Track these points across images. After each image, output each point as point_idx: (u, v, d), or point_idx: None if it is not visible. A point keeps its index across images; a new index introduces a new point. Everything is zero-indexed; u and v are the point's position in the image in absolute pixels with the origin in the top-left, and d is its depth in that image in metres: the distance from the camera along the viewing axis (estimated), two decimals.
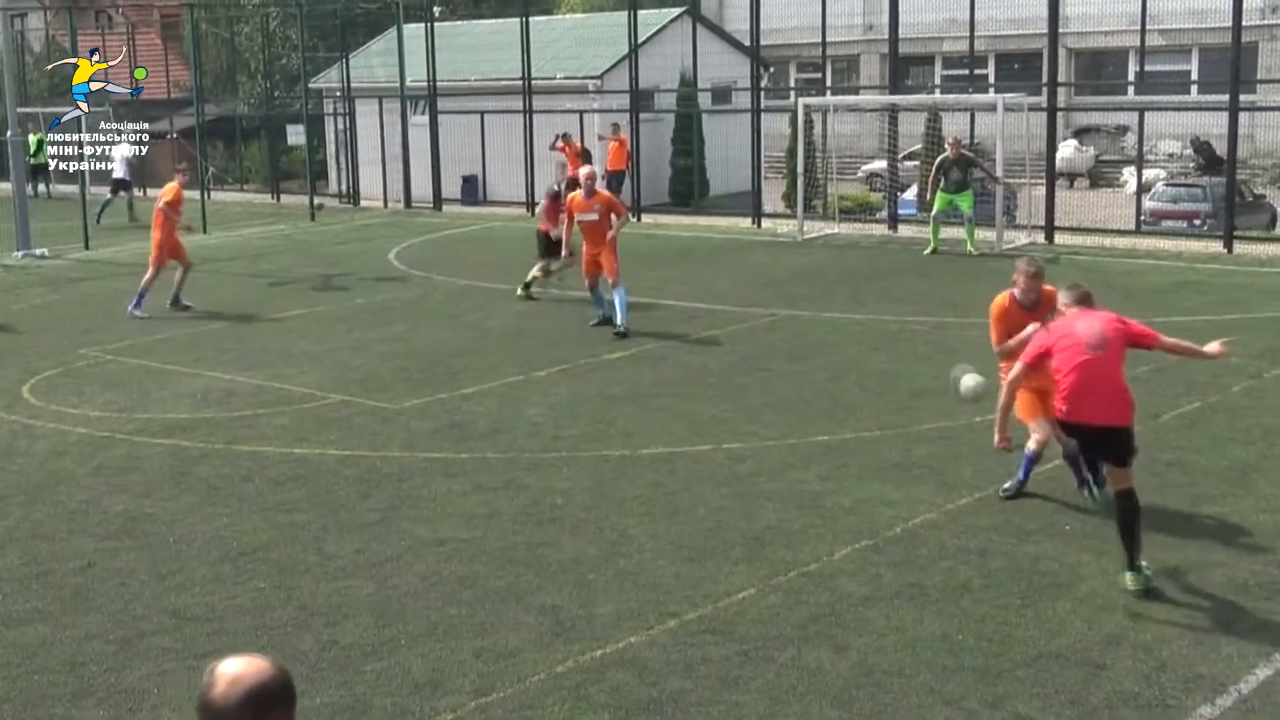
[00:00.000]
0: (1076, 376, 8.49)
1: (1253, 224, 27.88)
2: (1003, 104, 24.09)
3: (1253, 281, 19.71)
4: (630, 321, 16.88)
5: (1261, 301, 18.04)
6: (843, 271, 21.45)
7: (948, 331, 16.62)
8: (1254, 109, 32.70)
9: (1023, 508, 10.05)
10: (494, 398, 13.91)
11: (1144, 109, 27.06)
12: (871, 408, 13.09)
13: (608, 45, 33.60)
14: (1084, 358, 8.49)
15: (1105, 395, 8.49)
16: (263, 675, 3.05)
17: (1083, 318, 8.72)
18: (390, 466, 11.63)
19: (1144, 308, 17.49)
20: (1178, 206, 28.66)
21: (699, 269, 22.63)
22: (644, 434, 12.37)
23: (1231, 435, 11.78)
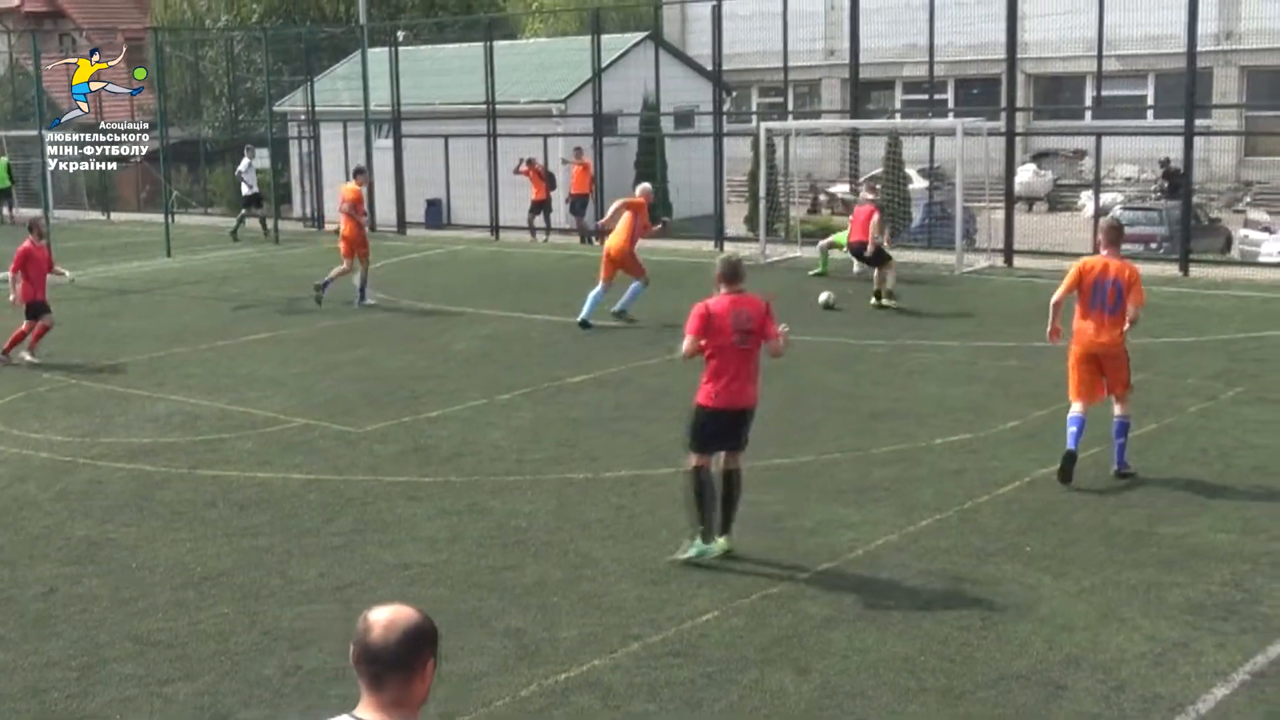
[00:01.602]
0: (730, 364, 9.43)
1: (1208, 247, 28.18)
2: (962, 129, 24.29)
3: (1209, 304, 19.88)
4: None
5: (1217, 324, 18.20)
6: (803, 294, 21.50)
7: (907, 353, 16.70)
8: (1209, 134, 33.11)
9: (983, 529, 10.10)
10: (458, 421, 13.89)
11: (1101, 134, 27.26)
12: (831, 430, 13.13)
13: (571, 69, 33.68)
14: (734, 346, 9.41)
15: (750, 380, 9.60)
16: (413, 618, 3.46)
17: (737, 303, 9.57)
18: (354, 490, 11.60)
19: None
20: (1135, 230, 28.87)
21: (662, 292, 22.61)
22: (607, 457, 12.37)
23: (1188, 456, 11.87)
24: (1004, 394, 14.36)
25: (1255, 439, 12.38)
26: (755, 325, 9.53)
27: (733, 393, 9.53)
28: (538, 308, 20.88)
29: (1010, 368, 15.55)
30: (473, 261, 27.49)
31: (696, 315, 9.49)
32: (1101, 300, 11.18)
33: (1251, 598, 8.66)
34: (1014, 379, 15.02)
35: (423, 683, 3.47)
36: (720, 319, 9.46)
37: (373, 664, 3.43)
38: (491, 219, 31.99)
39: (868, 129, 29.81)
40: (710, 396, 9.55)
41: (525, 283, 23.99)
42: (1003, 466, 11.66)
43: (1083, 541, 9.77)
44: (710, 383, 9.55)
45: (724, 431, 9.62)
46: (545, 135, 31.82)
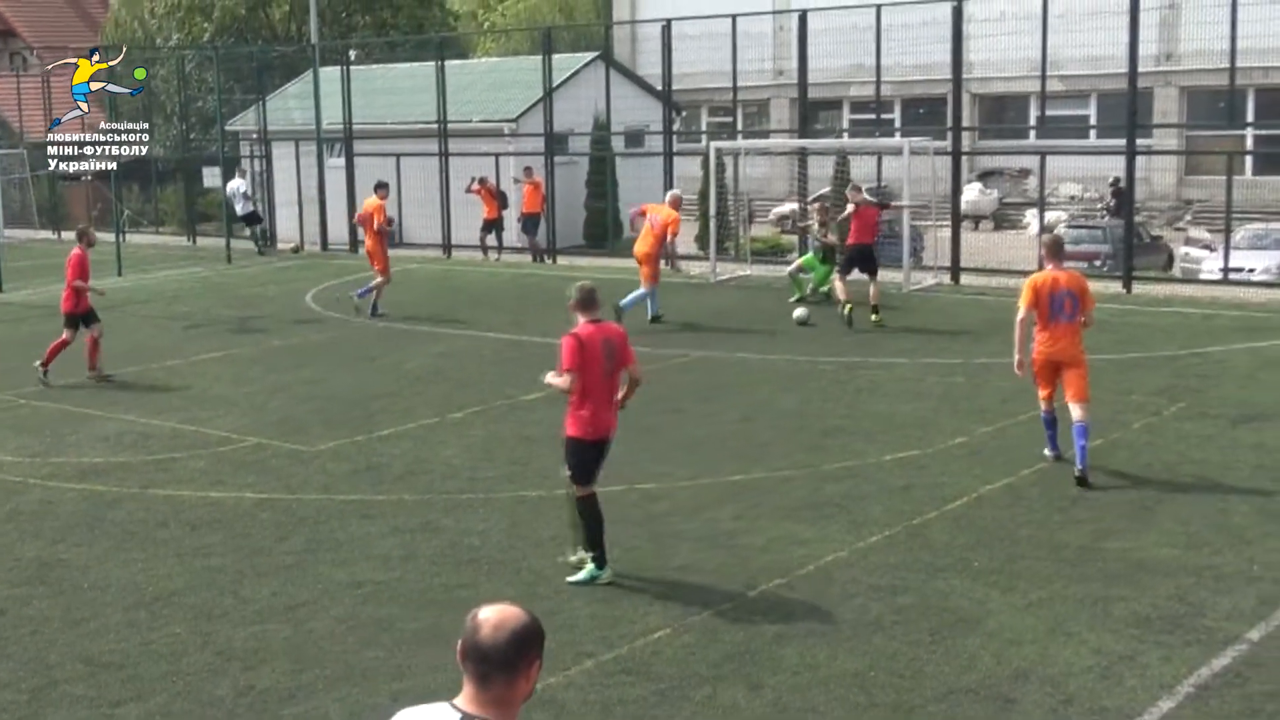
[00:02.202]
0: (596, 393, 9.46)
1: (1150, 264, 28.46)
2: (909, 148, 24.40)
3: (1152, 321, 20.09)
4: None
5: (1160, 340, 18.39)
6: (755, 312, 21.58)
7: (857, 371, 16.77)
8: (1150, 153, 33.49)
9: (931, 544, 10.15)
10: (410, 439, 13.83)
11: (1045, 152, 27.53)
12: (783, 447, 13.17)
13: (522, 89, 33.66)
14: (601, 375, 9.43)
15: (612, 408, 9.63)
16: (522, 619, 3.52)
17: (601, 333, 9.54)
18: (307, 509, 11.53)
19: None
20: (1079, 248, 29.09)
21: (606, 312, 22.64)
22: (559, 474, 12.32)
23: (1133, 471, 11.97)
24: (951, 410, 14.45)
25: (1197, 454, 12.51)
26: (619, 353, 9.55)
27: (600, 422, 9.55)
28: (490, 326, 20.84)
29: (957, 384, 15.65)
30: (425, 280, 27.41)
31: (570, 348, 9.37)
32: (1060, 311, 11.87)
33: (1195, 611, 8.74)
34: (961, 395, 15.12)
35: (527, 683, 3.52)
36: (591, 348, 9.42)
37: (481, 663, 3.49)
38: (443, 238, 31.92)
39: (816, 148, 29.93)
40: (583, 428, 9.53)
41: (477, 301, 23.95)
42: (950, 483, 11.72)
43: (1030, 556, 9.84)
44: (580, 413, 9.52)
45: (594, 461, 9.66)
46: (497, 154, 31.77)
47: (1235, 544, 10.00)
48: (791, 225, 23.26)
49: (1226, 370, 16.30)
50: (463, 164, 31.63)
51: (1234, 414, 13.98)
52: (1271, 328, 19.10)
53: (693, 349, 18.50)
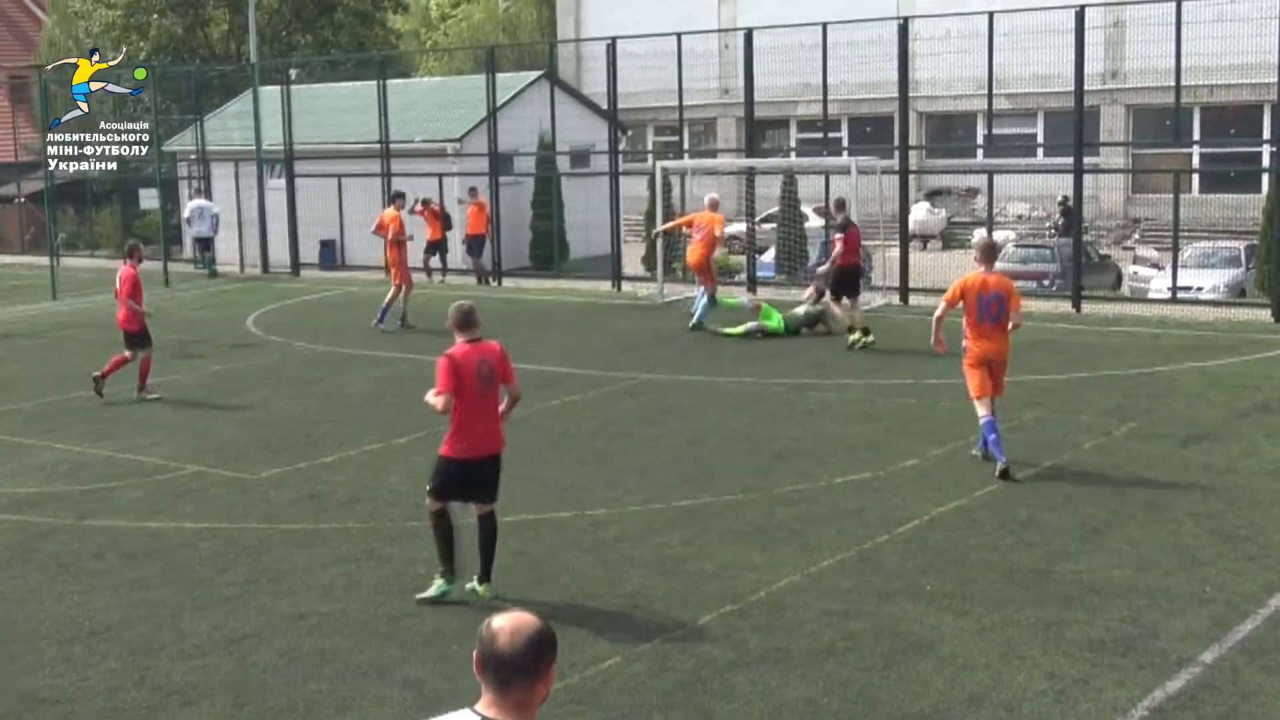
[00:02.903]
0: (475, 413, 9.55)
1: (1099, 284, 28.73)
2: (856, 167, 24.59)
3: (1101, 340, 20.27)
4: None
5: (1110, 360, 18.55)
6: (702, 334, 21.61)
7: (807, 393, 16.82)
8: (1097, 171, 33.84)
9: (884, 568, 10.17)
10: (354, 466, 13.73)
11: (993, 171, 27.74)
12: (733, 470, 13.17)
13: (466, 108, 33.65)
14: (477, 395, 9.51)
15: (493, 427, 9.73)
16: (536, 624, 3.65)
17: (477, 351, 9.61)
18: (248, 539, 11.42)
19: None
20: (1027, 267, 29.37)
21: (559, 333, 22.66)
22: (506, 501, 12.21)
23: (1083, 493, 12.06)
24: (903, 432, 14.51)
25: (1148, 474, 12.61)
26: (496, 371, 9.64)
27: (479, 441, 9.64)
28: (433, 349, 20.58)
29: (908, 405, 15.73)
30: (367, 303, 27.23)
31: (445, 369, 9.44)
32: (988, 313, 12.71)
33: (1149, 633, 8.80)
34: (912, 417, 15.18)
35: (545, 686, 3.65)
36: (466, 369, 9.48)
37: (500, 670, 3.62)
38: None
39: (763, 167, 30.11)
40: (456, 448, 9.63)
41: (420, 323, 23.84)
42: (903, 505, 11.76)
43: (982, 580, 9.87)
44: (457, 433, 9.61)
45: (473, 482, 9.72)
46: (440, 175, 31.72)
47: (1187, 565, 10.08)
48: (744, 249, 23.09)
49: (1176, 390, 16.46)
50: (406, 185, 31.51)
51: (1183, 434, 14.12)
52: (1220, 347, 19.32)
53: (640, 371, 18.49)
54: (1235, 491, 12.00)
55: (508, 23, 66.96)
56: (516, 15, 67.79)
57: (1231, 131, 41.62)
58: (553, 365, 19.10)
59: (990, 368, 12.84)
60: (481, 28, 66.16)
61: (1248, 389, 16.37)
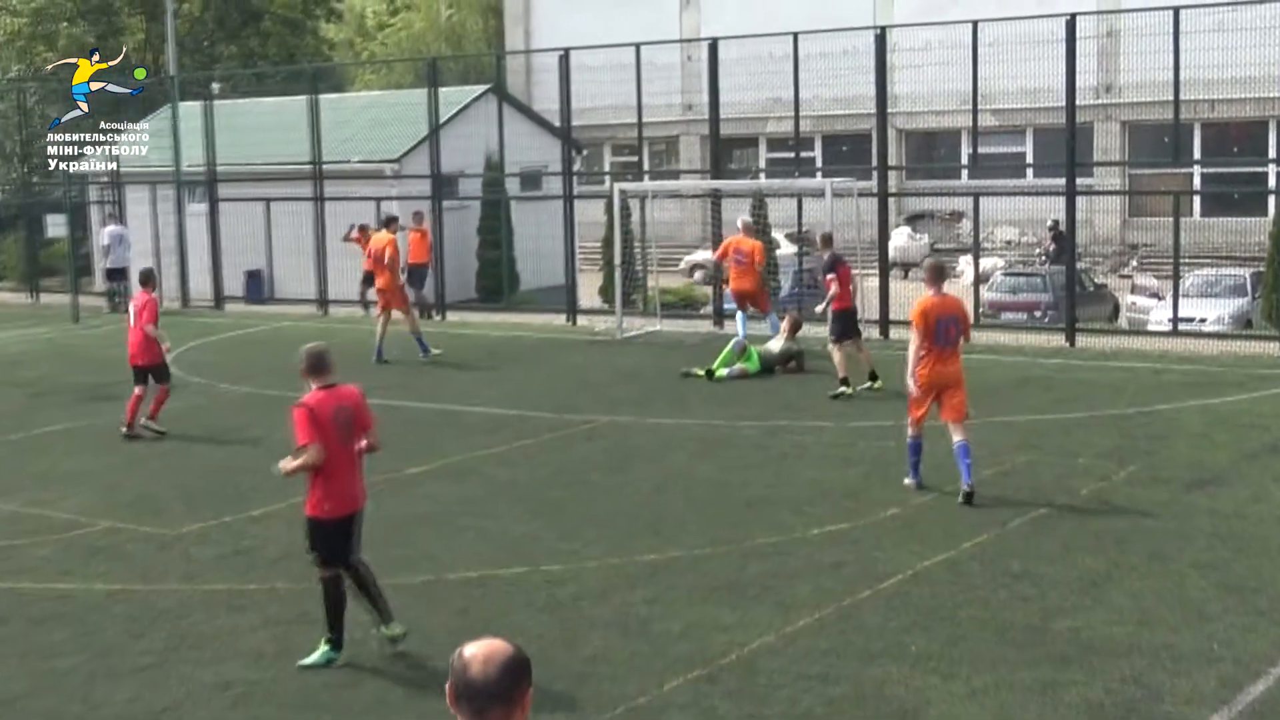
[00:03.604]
0: (337, 464, 9.58)
1: (1095, 315, 28.98)
2: (831, 189, 24.68)
3: (1097, 377, 20.44)
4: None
5: (1107, 398, 18.69)
6: (666, 372, 21.65)
7: (780, 436, 16.88)
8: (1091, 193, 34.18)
9: (865, 627, 10.20)
10: (284, 520, 13.65)
11: (979, 194, 27.89)
12: (701, 521, 13.19)
13: (406, 125, 33.66)
14: (339, 444, 9.56)
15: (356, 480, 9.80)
16: (509, 650, 3.77)
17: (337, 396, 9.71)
18: (167, 601, 11.35)
19: (985, 407, 17.99)
20: (1017, 298, 29.63)
21: (509, 372, 22.65)
22: (450, 557, 12.28)
23: (1081, 542, 12.14)
24: (884, 478, 14.57)
25: (1150, 522, 12.71)
26: (355, 419, 9.70)
27: (344, 497, 9.67)
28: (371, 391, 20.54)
29: (890, 449, 15.78)
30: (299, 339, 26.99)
31: (304, 420, 9.44)
32: (945, 336, 13.56)
33: (1152, 695, 8.86)
34: (894, 461, 15.23)
35: (523, 713, 3.79)
36: (323, 417, 9.50)
37: (475, 699, 3.72)
38: (319, 292, 31.74)
39: (730, 190, 30.24)
40: (323, 506, 9.63)
41: (357, 362, 23.76)
42: (885, 558, 11.81)
43: (972, 638, 9.92)
44: (320, 489, 9.61)
45: (341, 540, 9.73)
46: (378, 198, 31.66)
47: (1193, 621, 10.16)
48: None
49: (1179, 430, 16.61)
50: (340, 209, 31.52)
51: (1188, 477, 14.25)
52: (1225, 383, 19.51)
53: (599, 414, 18.51)
54: (1243, 540, 12.11)
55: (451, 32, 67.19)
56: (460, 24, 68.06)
57: (1235, 150, 42.16)
58: (502, 407, 19.09)
59: (941, 392, 13.58)
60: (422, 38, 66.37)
61: (1256, 429, 16.54)
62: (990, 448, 15.55)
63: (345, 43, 68.56)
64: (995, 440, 15.97)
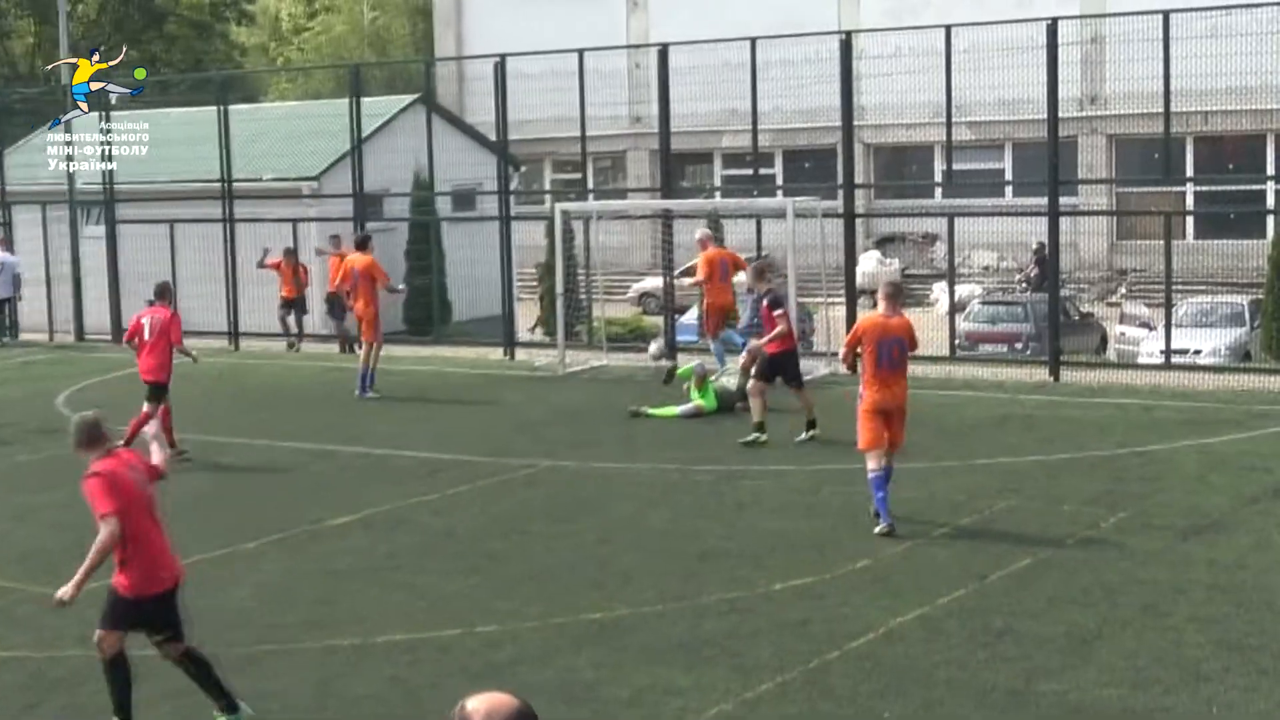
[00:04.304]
0: (143, 533, 9.47)
1: (1081, 346, 29.17)
2: (792, 209, 24.74)
3: (1084, 414, 20.56)
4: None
5: (1094, 437, 18.82)
6: (613, 411, 21.63)
7: (738, 481, 16.89)
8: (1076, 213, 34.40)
9: (833, 692, 10.22)
10: (191, 578, 13.49)
11: (954, 214, 28.10)
12: (652, 576, 13.18)
13: (326, 139, 33.63)
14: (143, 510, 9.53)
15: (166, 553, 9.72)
16: (514, 704, 3.92)
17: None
18: (61, 669, 11.26)
19: (962, 448, 18.12)
20: (996, 328, 29.81)
21: (441, 411, 22.60)
22: (378, 618, 12.22)
23: (1068, 596, 12.20)
24: (853, 527, 14.60)
25: (1143, 573, 12.79)
26: (149, 473, 9.72)
27: (156, 571, 9.56)
28: (289, 433, 20.63)
29: (859, 495, 15.79)
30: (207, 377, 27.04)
31: (101, 489, 9.31)
32: (888, 358, 14.32)
33: None
34: (864, 509, 15.26)
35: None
36: (124, 484, 9.43)
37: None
38: (230, 323, 31.55)
39: (682, 210, 30.30)
40: (131, 584, 9.50)
41: (273, 401, 23.74)
42: (854, 615, 11.83)
43: (950, 702, 9.95)
44: (129, 564, 9.47)
45: (154, 618, 9.63)
46: (296, 219, 31.60)
47: (1190, 681, 10.23)
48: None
49: (1172, 472, 16.74)
50: (253, 232, 31.42)
51: (1183, 524, 14.35)
52: (1222, 420, 19.68)
53: (540, 457, 18.49)
54: (1244, 592, 12.21)
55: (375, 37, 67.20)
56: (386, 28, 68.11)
57: (1230, 166, 42.54)
58: (433, 450, 19.04)
59: (888, 417, 14.32)
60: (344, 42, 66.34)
61: (1256, 471, 16.69)
62: (968, 493, 15.65)
63: (259, 48, 68.50)
64: (973, 485, 16.07)
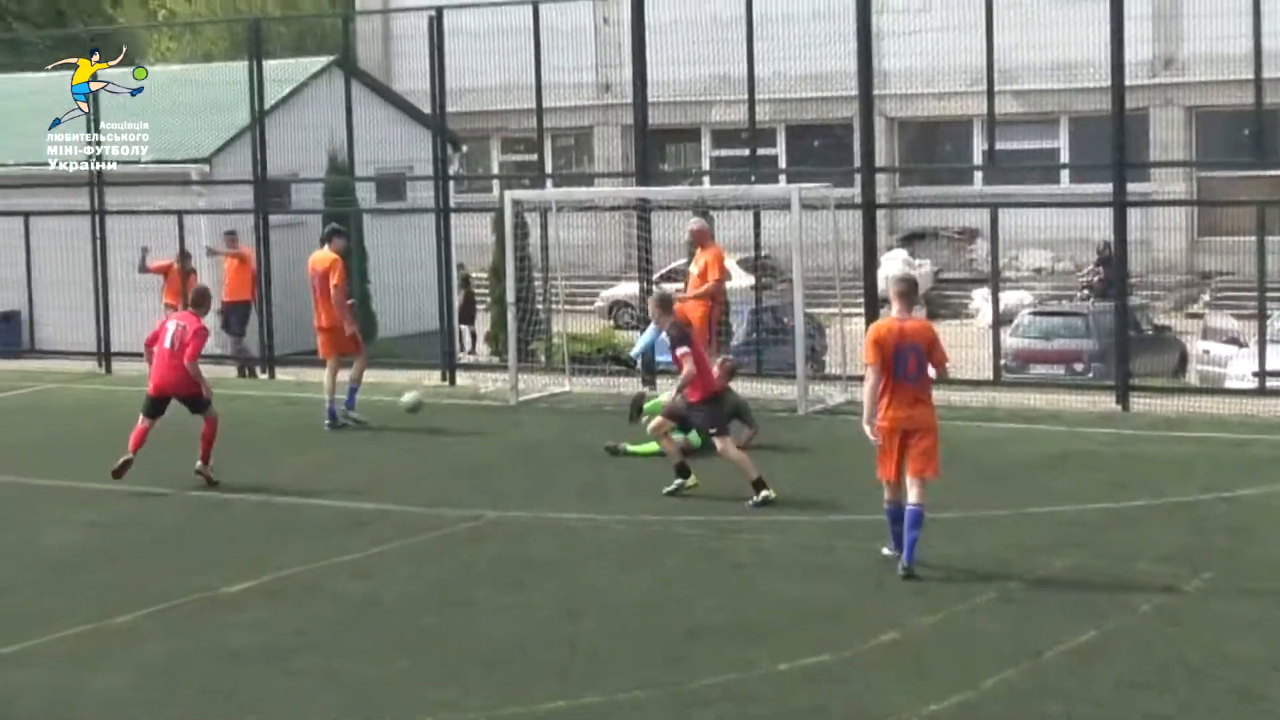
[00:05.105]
0: None
1: (1155, 367, 29.06)
2: (799, 198, 24.66)
3: (1159, 451, 20.55)
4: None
5: (1173, 480, 18.79)
6: (578, 449, 21.58)
7: (733, 536, 16.83)
8: (1148, 204, 34.39)
9: None
10: (48, 661, 13.49)
11: (997, 204, 27.90)
12: (626, 656, 13.12)
13: (219, 113, 33.49)
14: None
15: None
16: None
17: None
18: None
19: (1010, 492, 18.09)
20: (1051, 346, 29.78)
21: (363, 450, 22.50)
22: (282, 711, 12.15)
23: (1142, 678, 12.15)
24: (875, 591, 14.55)
25: (1235, 647, 12.75)
26: None
27: None
28: (175, 478, 20.50)
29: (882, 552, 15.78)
30: (71, 408, 26.98)
31: None
32: (903, 369, 14.52)
33: None
34: (888, 569, 15.23)
35: None
36: None
37: None
38: (100, 341, 31.41)
39: (663, 199, 30.14)
40: None
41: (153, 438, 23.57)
42: (878, 702, 11.78)
43: None
44: None
45: None
46: (181, 211, 31.47)
47: None
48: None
49: (1268, 521, 16.73)
50: (129, 227, 31.29)
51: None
52: None
53: (486, 507, 18.41)
54: None
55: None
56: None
57: None
58: (354, 498, 18.95)
59: (907, 439, 14.57)
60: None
61: None
62: (1018, 549, 15.60)
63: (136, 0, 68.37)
64: (1024, 539, 16.02)
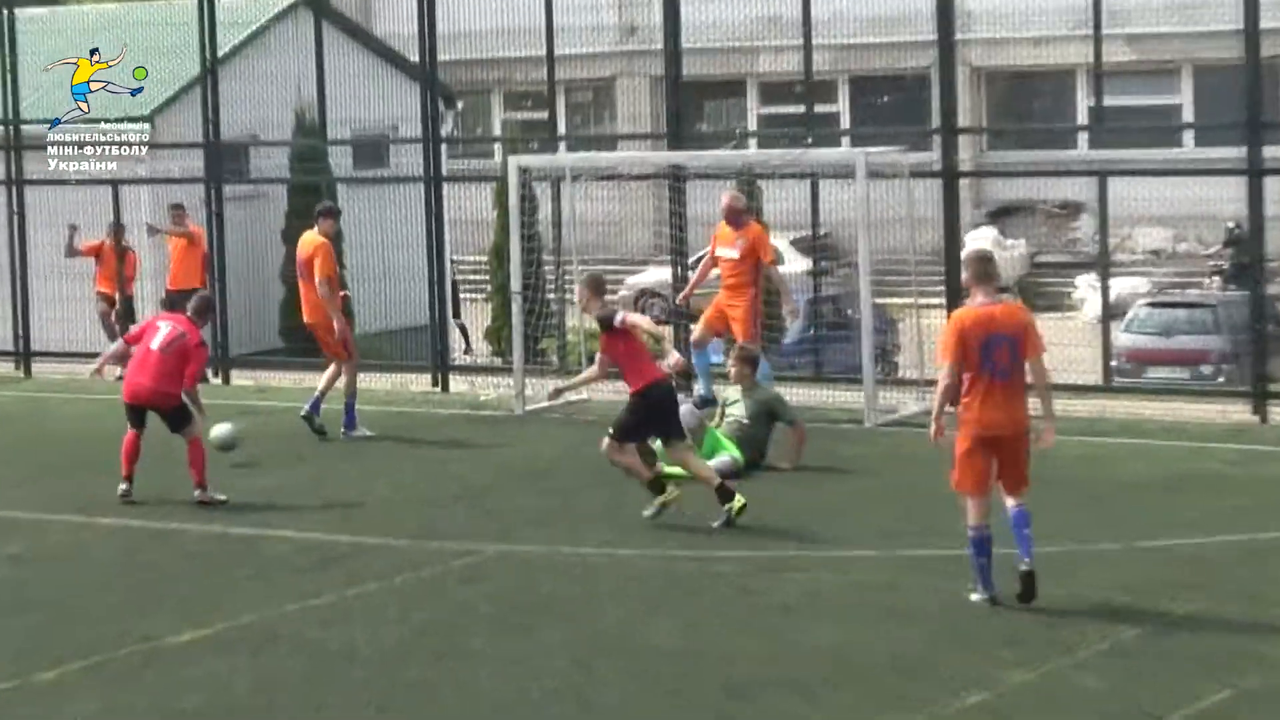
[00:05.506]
0: None
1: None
2: (864, 163, 24.66)
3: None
4: None
5: None
6: (595, 470, 21.59)
7: (780, 574, 16.85)
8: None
9: None
10: None
11: (1106, 172, 27.92)
12: (654, 716, 13.16)
13: (163, 60, 33.48)
14: None
15: None
16: None
17: None
18: None
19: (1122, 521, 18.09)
20: (1171, 343, 29.71)
21: (339, 471, 22.57)
22: None
23: None
24: (957, 641, 14.56)
25: None
26: None
27: None
28: (109, 504, 20.57)
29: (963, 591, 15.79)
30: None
31: None
32: (990, 363, 14.55)
33: None
34: (974, 613, 15.25)
35: None
36: None
37: None
38: (18, 339, 31.50)
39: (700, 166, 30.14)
40: None
41: (85, 456, 23.68)
42: None
43: None
44: None
45: None
46: (117, 181, 31.56)
47: None
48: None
49: None
50: (53, 201, 31.38)
51: None
52: None
53: (487, 540, 18.47)
54: None
55: None
56: None
57: None
58: (328, 529, 19.02)
59: (998, 450, 14.68)
60: None
61: None
62: (1131, 590, 15.60)
63: None
64: (1138, 578, 16.01)
